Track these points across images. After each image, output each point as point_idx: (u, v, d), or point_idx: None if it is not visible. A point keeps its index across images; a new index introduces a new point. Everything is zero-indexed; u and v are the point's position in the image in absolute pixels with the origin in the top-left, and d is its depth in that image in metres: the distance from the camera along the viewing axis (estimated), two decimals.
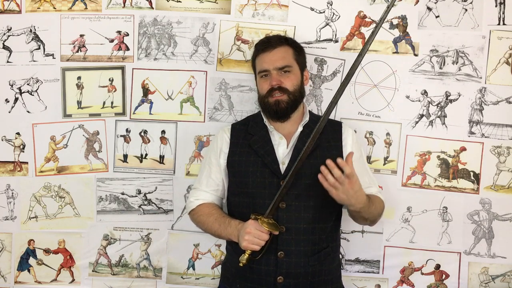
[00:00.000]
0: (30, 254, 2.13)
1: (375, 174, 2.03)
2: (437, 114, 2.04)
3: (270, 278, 1.66)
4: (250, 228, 1.59)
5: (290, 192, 1.63)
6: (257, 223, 1.59)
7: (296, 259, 1.65)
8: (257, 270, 1.67)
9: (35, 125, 2.08)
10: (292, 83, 1.74)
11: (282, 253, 1.65)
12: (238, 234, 1.64)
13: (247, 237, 1.59)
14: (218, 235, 1.76)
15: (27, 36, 2.05)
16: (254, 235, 1.58)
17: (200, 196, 1.83)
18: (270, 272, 1.66)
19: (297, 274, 1.65)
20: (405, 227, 2.07)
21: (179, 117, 2.10)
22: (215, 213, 1.77)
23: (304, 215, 1.67)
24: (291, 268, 1.65)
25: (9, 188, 2.10)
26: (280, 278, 1.65)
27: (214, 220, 1.75)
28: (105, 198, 2.11)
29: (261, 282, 1.67)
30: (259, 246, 1.60)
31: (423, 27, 2.03)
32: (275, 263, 1.65)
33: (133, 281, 2.15)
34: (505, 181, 2.04)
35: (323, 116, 1.62)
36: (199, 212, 1.81)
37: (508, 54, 2.01)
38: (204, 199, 1.83)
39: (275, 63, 1.75)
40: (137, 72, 2.08)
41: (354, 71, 1.65)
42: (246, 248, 1.60)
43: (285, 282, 1.65)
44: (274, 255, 1.65)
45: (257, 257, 1.63)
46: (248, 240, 1.59)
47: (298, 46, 1.85)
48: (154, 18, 2.07)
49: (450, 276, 2.08)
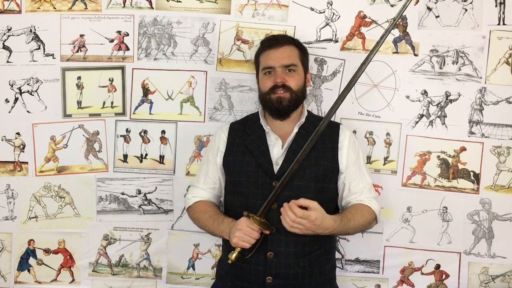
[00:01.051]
0: (30, 254, 2.13)
1: (375, 174, 2.04)
2: (437, 114, 2.04)
3: (259, 278, 1.66)
4: (241, 225, 1.60)
5: (281, 193, 1.63)
6: (249, 220, 1.60)
7: (285, 259, 1.65)
8: (247, 269, 1.67)
9: (35, 125, 2.08)
10: (296, 82, 1.75)
11: (271, 254, 1.65)
12: (230, 231, 1.65)
13: (237, 234, 1.59)
14: (212, 232, 1.77)
15: (27, 36, 2.05)
16: (245, 232, 1.58)
17: (197, 193, 1.86)
18: (260, 272, 1.66)
19: (286, 275, 1.65)
20: (405, 227, 2.06)
21: (179, 117, 2.10)
22: (210, 210, 1.79)
23: None
24: (280, 269, 1.65)
25: (9, 188, 2.10)
26: (269, 278, 1.65)
27: (208, 217, 1.76)
28: (105, 198, 2.11)
29: (251, 281, 1.68)
30: (249, 244, 1.59)
31: (423, 27, 2.03)
32: (264, 263, 1.65)
33: (133, 281, 2.15)
34: (505, 181, 2.04)
35: (323, 120, 1.63)
36: (196, 209, 1.83)
37: (508, 54, 2.01)
38: (201, 197, 1.85)
39: (281, 60, 1.75)
40: (137, 72, 2.08)
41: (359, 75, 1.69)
42: (236, 245, 1.60)
43: (274, 282, 1.65)
44: (263, 255, 1.65)
45: (246, 256, 1.63)
46: (239, 237, 1.59)
47: (303, 48, 1.85)
48: (154, 18, 2.07)
49: (450, 276, 2.08)
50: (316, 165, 1.69)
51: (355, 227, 1.69)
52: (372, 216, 1.76)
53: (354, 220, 1.68)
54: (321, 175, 1.70)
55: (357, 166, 1.78)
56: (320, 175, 1.70)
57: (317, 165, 1.70)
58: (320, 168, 1.70)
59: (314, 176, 1.68)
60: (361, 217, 1.71)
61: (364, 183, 1.79)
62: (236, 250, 1.62)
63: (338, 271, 1.95)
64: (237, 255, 1.62)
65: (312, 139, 1.62)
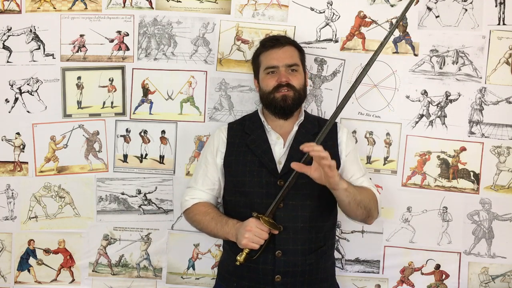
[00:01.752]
0: (30, 254, 2.13)
1: (375, 174, 2.04)
2: (437, 114, 2.04)
3: (268, 276, 1.66)
4: (251, 226, 1.59)
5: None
6: (259, 221, 1.60)
7: (293, 257, 1.66)
8: (255, 269, 1.67)
9: (35, 125, 2.07)
10: (298, 82, 1.77)
11: (280, 252, 1.65)
12: (236, 232, 1.64)
13: (247, 235, 1.58)
14: (214, 234, 1.76)
15: (27, 36, 2.05)
16: (255, 233, 1.58)
17: (196, 195, 1.83)
18: (268, 271, 1.66)
19: (294, 273, 1.66)
20: (405, 227, 2.06)
21: (179, 117, 2.10)
22: (212, 212, 1.77)
23: (301, 214, 1.68)
24: (289, 267, 1.65)
25: (9, 188, 2.10)
26: (278, 277, 1.65)
27: (210, 219, 1.75)
28: (105, 198, 2.11)
29: (259, 281, 1.68)
30: (259, 244, 1.60)
31: (423, 27, 2.03)
32: (273, 262, 1.65)
33: (133, 281, 2.15)
34: (505, 181, 2.04)
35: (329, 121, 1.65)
36: (195, 211, 1.81)
37: (508, 54, 2.01)
38: (200, 198, 1.83)
39: (284, 60, 1.76)
40: (137, 72, 2.08)
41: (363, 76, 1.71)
42: (246, 246, 1.60)
43: (283, 280, 1.65)
44: (272, 254, 1.65)
45: (254, 257, 1.63)
46: (248, 238, 1.58)
47: (301, 49, 1.88)
48: (154, 18, 2.07)
49: (450, 276, 2.08)
50: None
51: (360, 200, 1.65)
52: (374, 200, 1.74)
53: (362, 194, 1.67)
54: None
55: (353, 155, 1.80)
56: None
57: None
58: None
59: None
60: (367, 195, 1.70)
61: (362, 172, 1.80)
62: (244, 251, 1.61)
63: (338, 271, 1.96)
64: (245, 256, 1.61)
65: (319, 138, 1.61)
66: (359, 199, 1.65)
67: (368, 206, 1.69)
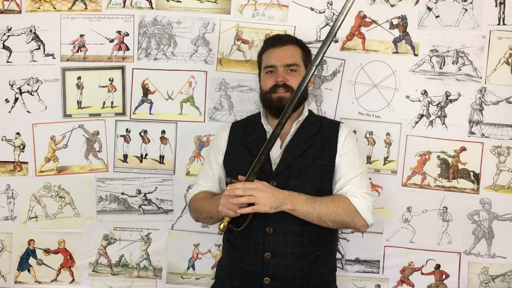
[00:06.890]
0: (30, 254, 2.13)
1: (375, 174, 2.04)
2: (437, 114, 2.04)
3: (257, 278, 1.64)
4: (226, 191, 1.57)
5: None
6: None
7: (283, 260, 1.62)
8: (244, 270, 1.66)
9: (35, 125, 2.08)
10: (297, 82, 1.70)
11: (269, 254, 1.63)
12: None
13: (222, 201, 1.57)
14: (210, 214, 1.71)
15: (27, 36, 2.06)
16: (229, 198, 1.55)
17: (198, 189, 1.84)
18: (257, 272, 1.63)
19: (284, 276, 1.62)
20: (405, 227, 2.06)
21: (179, 117, 2.10)
22: (208, 196, 1.77)
23: (292, 216, 1.60)
24: (277, 270, 1.62)
25: (9, 188, 2.10)
26: (266, 279, 1.62)
27: (206, 200, 1.74)
28: (105, 198, 2.11)
29: (249, 282, 1.66)
30: (233, 211, 1.56)
31: (423, 27, 2.03)
32: (261, 264, 1.63)
33: (133, 281, 2.15)
34: (505, 181, 2.04)
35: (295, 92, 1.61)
36: (194, 199, 1.81)
37: (508, 54, 2.01)
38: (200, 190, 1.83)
39: (283, 59, 1.74)
40: (137, 72, 2.08)
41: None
42: (221, 212, 1.58)
43: (272, 283, 1.62)
44: (260, 256, 1.63)
45: (239, 229, 1.60)
46: (222, 203, 1.57)
47: (306, 49, 1.83)
48: (154, 18, 2.07)
49: (450, 276, 2.08)
50: (314, 164, 1.67)
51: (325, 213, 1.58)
52: (351, 210, 1.61)
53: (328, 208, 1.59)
54: (318, 175, 1.67)
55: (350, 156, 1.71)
56: (317, 174, 1.67)
57: (315, 164, 1.68)
58: (317, 167, 1.67)
59: (311, 176, 1.66)
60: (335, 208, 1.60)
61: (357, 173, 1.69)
62: (225, 220, 1.60)
63: (338, 271, 1.95)
64: (225, 224, 1.59)
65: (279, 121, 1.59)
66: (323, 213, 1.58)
67: (337, 220, 1.60)
